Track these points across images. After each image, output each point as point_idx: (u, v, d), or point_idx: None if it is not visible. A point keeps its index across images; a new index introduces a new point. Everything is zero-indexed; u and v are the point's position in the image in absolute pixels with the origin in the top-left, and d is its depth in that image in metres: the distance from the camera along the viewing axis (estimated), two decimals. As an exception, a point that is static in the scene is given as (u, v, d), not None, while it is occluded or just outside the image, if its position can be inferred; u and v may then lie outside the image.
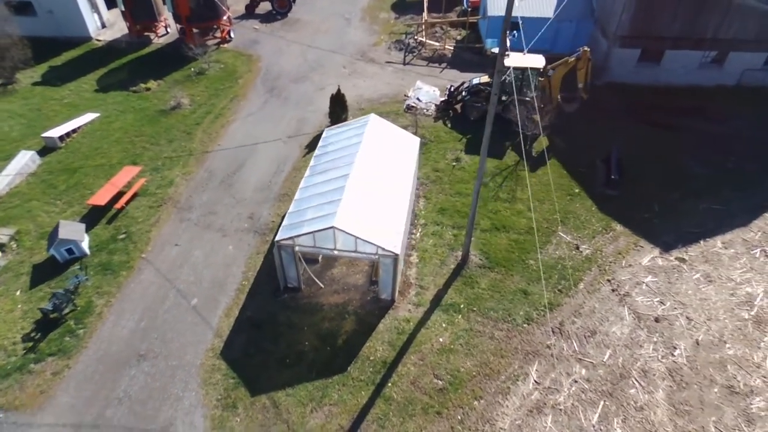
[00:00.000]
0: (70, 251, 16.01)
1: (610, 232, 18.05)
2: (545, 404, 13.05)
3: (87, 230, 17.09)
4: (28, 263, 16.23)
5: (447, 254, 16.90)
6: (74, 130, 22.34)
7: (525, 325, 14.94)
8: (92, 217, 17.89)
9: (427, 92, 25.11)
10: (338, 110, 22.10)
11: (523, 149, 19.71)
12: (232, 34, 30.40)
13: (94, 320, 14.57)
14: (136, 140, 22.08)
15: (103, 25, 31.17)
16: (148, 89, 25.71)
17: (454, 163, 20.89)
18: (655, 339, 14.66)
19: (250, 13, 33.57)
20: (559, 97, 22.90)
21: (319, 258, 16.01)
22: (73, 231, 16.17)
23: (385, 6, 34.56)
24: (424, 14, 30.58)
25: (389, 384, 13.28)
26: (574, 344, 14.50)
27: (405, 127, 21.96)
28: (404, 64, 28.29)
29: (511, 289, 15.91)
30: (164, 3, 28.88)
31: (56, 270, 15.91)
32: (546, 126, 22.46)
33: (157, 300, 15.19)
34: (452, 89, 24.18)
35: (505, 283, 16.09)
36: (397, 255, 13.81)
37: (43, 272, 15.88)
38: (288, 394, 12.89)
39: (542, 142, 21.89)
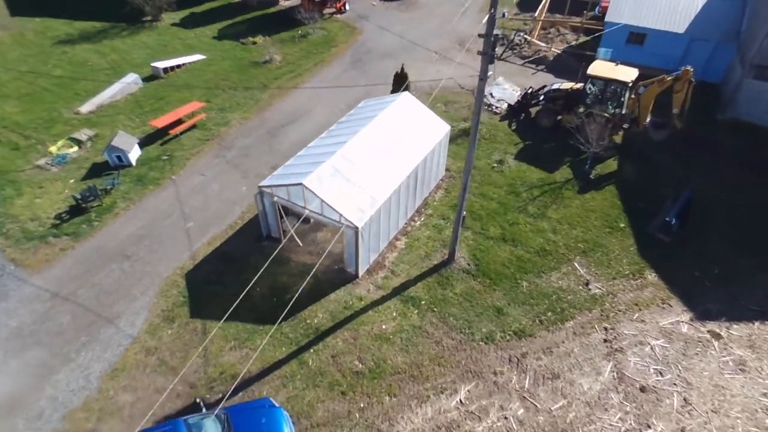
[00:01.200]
0: (119, 158, 18.57)
1: (638, 278, 15.31)
2: (458, 427, 11.78)
3: (142, 147, 19.64)
4: (90, 160, 19.22)
5: (436, 249, 15.93)
6: (179, 66, 25.55)
7: (481, 343, 13.52)
8: (154, 137, 20.43)
9: (504, 90, 23.54)
10: (398, 89, 21.87)
11: (583, 169, 17.63)
12: (347, 6, 31.70)
13: (110, 218, 16.80)
14: (221, 83, 24.49)
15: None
16: (254, 43, 28.18)
17: (494, 165, 19.42)
18: (628, 408, 12.22)
19: (374, -10, 34.62)
20: (648, 120, 19.75)
21: (311, 220, 16.28)
22: (126, 142, 18.70)
23: (510, 1, 32.91)
24: (539, 12, 28.38)
25: (311, 350, 13.14)
26: (527, 380, 12.75)
27: (465, 119, 21.05)
28: (498, 58, 26.76)
29: (485, 304, 14.46)
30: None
31: (107, 171, 18.59)
32: (617, 148, 19.70)
33: (162, 215, 16.93)
34: (530, 92, 22.31)
35: (482, 296, 14.67)
36: (357, 228, 13.47)
37: (97, 170, 18.66)
38: (220, 327, 13.51)
39: (608, 165, 19.26)
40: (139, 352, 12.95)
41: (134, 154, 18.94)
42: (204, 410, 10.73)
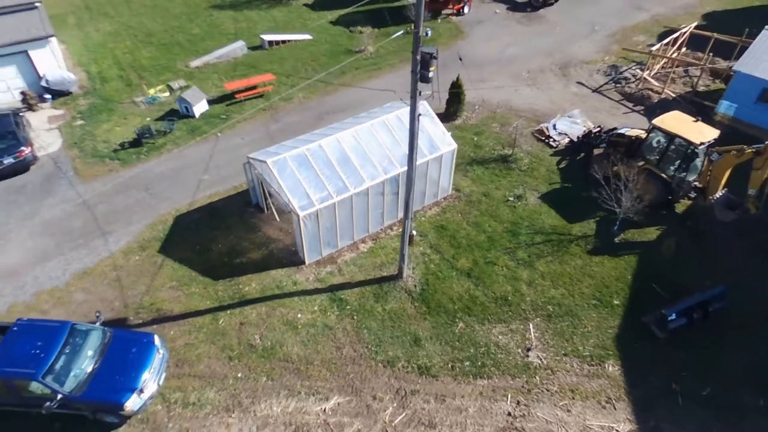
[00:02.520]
0: (186, 109, 21.67)
1: (594, 365, 13.11)
2: (307, 431, 11.80)
3: (211, 103, 22.55)
4: (170, 106, 22.70)
5: (394, 262, 15.57)
6: (284, 41, 28.23)
7: (380, 365, 13.12)
8: (225, 98, 23.22)
9: (574, 125, 21.20)
10: (459, 97, 21.28)
11: (611, 229, 15.81)
12: (466, 10, 31.21)
13: (154, 155, 19.89)
14: (309, 63, 26.47)
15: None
16: (361, 32, 29.62)
17: (510, 198, 17.93)
18: (486, 490, 10.87)
19: (506, -3, 33.36)
20: (718, 194, 16.22)
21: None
22: (195, 97, 21.72)
23: (653, 30, 28.88)
24: (660, 47, 24.45)
25: (228, 312, 14.20)
26: (400, 417, 12.08)
27: (511, 145, 19.65)
28: (593, 90, 24.04)
29: (407, 329, 13.85)
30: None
31: (178, 117, 21.85)
32: (652, 214, 16.72)
33: (191, 164, 19.42)
34: (596, 131, 19.80)
35: (409, 321, 14.06)
36: (299, 216, 13.98)
37: (169, 115, 22.01)
38: (173, 267, 15.37)
39: (646, 233, 16.47)
40: (108, 266, 15.45)
41: (199, 108, 21.89)
42: (98, 323, 12.56)
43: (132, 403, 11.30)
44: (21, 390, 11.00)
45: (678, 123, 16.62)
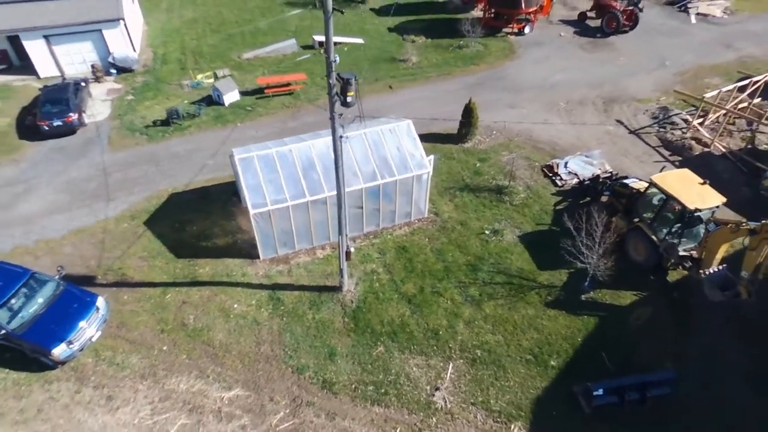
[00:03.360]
0: (218, 96, 23.47)
1: (499, 422, 12.40)
2: (199, 412, 12.57)
3: (243, 94, 24.17)
4: (208, 92, 24.71)
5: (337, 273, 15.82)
6: (336, 43, 29.16)
7: (289, 369, 13.49)
8: (259, 91, 24.70)
9: (589, 166, 19.71)
10: (468, 120, 20.76)
11: (581, 284, 14.93)
12: (528, 30, 30.00)
13: (177, 135, 21.85)
14: (350, 67, 27.08)
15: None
16: (413, 41, 29.79)
17: (486, 232, 17.24)
18: None
19: (579, 20, 31.49)
20: (712, 269, 14.35)
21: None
22: (227, 86, 23.45)
23: (733, 73, 25.68)
24: (719, 92, 21.67)
25: (176, 289, 15.38)
26: (291, 422, 12.41)
27: (513, 178, 18.85)
28: (630, 131, 22.07)
29: (327, 342, 14.06)
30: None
31: (209, 102, 23.76)
32: (639, 277, 15.25)
33: (203, 147, 21.05)
34: (602, 177, 18.28)
35: (332, 335, 14.25)
36: (251, 213, 14.76)
37: (203, 101, 23.98)
38: (149, 239, 16.93)
39: (622, 296, 15.09)
40: (99, 229, 17.43)
41: (230, 97, 23.59)
42: (57, 276, 14.32)
43: (59, 351, 12.84)
44: (-26, 319, 12.99)
45: (679, 183, 14.89)
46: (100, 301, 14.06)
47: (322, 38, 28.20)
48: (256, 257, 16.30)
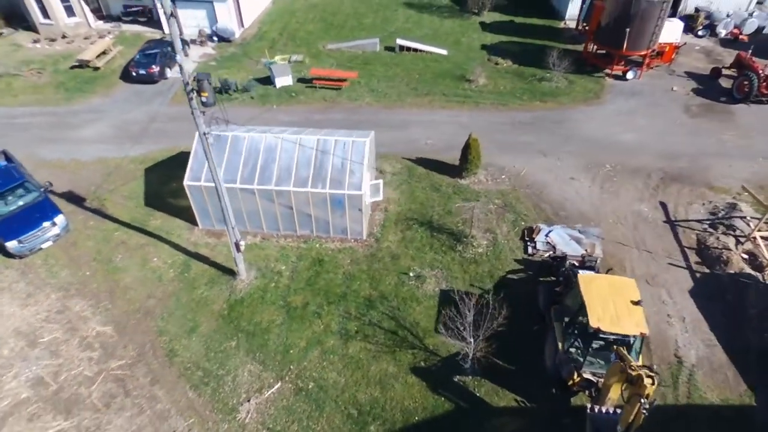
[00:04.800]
0: (273, 78, 25.45)
1: (276, 458, 11.98)
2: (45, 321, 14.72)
3: (297, 81, 25.79)
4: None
5: (256, 264, 16.40)
6: (415, 50, 29.00)
7: (153, 328, 14.83)
8: (309, 81, 26.05)
9: (570, 241, 16.76)
10: (467, 156, 19.21)
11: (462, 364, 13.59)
12: (631, 75, 25.84)
13: (226, 105, 24.38)
14: (413, 76, 26.72)
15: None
16: (496, 63, 28.00)
17: (410, 274, 16.08)
18: (93, 464, 11.96)
19: (711, 76, 25.98)
20: (605, 407, 11.50)
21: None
22: (281, 71, 25.31)
23: None
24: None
25: (126, 230, 17.74)
26: (120, 363, 13.80)
27: (485, 230, 17.35)
28: (666, 220, 17.92)
29: (196, 318, 15.02)
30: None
31: (265, 81, 25.95)
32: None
33: (234, 119, 22.65)
34: (569, 260, 15.43)
35: (205, 313, 15.14)
36: (184, 183, 16.24)
37: (267, 81, 26.24)
38: (139, 183, 19.65)
39: (502, 395, 13.09)
40: (114, 163, 20.69)
41: (281, 81, 25.40)
42: (42, 189, 17.67)
43: (11, 245, 16.17)
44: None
45: (605, 291, 12.04)
46: (59, 218, 17.09)
47: (404, 42, 28.49)
48: (196, 225, 17.86)
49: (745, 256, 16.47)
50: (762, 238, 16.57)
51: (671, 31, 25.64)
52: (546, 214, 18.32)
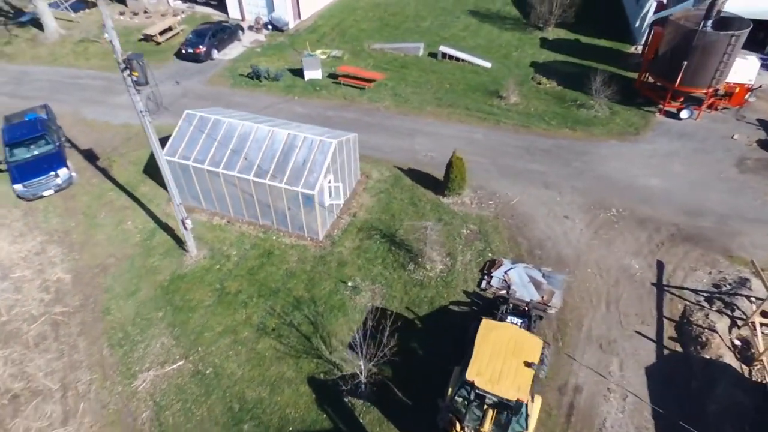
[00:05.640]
0: (302, 70, 26.01)
1: (148, 431, 12.36)
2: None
3: (326, 75, 26.13)
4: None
5: (212, 245, 16.98)
6: (457, 59, 27.96)
7: (99, 287, 15.97)
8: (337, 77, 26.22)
9: (528, 284, 15.22)
10: (449, 175, 18.21)
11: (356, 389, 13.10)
12: (685, 114, 22.77)
13: (248, 89, 25.48)
14: (445, 86, 25.79)
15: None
16: (539, 83, 26.12)
17: (348, 283, 15.66)
18: None
19: (786, 129, 22.18)
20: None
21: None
22: (312, 65, 25.76)
23: None
24: None
25: (117, 192, 19.26)
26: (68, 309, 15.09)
27: (436, 243, 16.50)
28: (657, 284, 15.59)
29: (140, 283, 15.97)
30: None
31: (298, 73, 26.59)
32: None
33: (254, 104, 23.93)
34: (510, 302, 14.02)
35: (150, 280, 16.01)
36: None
37: (296, 72, 26.88)
38: (147, 149, 21.19)
39: (382, 426, 12.44)
40: (135, 130, 22.44)
41: (310, 74, 25.88)
42: (58, 142, 19.69)
43: (17, 188, 18.40)
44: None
45: (499, 344, 10.79)
46: (63, 171, 18.99)
47: (447, 50, 27.74)
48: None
49: (738, 343, 13.84)
50: (762, 324, 13.79)
51: (744, 70, 22.12)
52: (520, 250, 16.82)
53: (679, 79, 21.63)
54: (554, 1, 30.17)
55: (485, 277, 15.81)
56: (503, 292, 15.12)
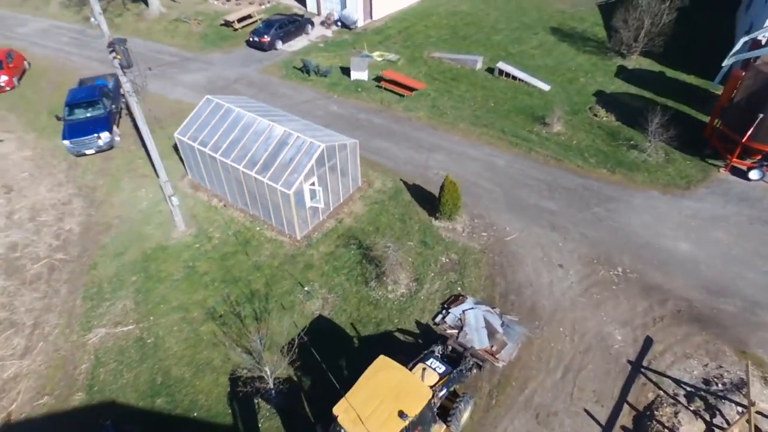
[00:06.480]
0: (350, 70, 26.28)
1: (80, 382, 13.50)
2: (56, 222, 18.51)
3: (370, 79, 26.15)
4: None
5: (204, 224, 17.96)
6: (514, 77, 26.37)
7: (97, 243, 17.64)
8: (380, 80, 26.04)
9: (481, 328, 14.01)
10: (442, 197, 17.34)
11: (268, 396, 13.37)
12: (755, 175, 19.38)
13: (296, 82, 26.29)
14: (489, 103, 24.53)
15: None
16: (595, 115, 23.76)
17: (305, 287, 15.66)
18: None
19: None
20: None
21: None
22: (359, 66, 25.88)
23: None
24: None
25: (144, 161, 21.03)
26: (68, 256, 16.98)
27: (412, 266, 16.01)
28: (636, 363, 13.52)
29: (128, 248, 17.30)
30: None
31: (347, 72, 26.90)
32: None
33: (297, 98, 24.80)
34: (449, 346, 13.06)
35: (136, 249, 17.34)
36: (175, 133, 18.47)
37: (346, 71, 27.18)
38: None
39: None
40: (186, 107, 24.30)
41: (356, 75, 26.04)
42: (107, 110, 21.95)
43: (65, 143, 20.94)
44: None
45: (385, 385, 10.16)
46: (105, 135, 21.21)
47: (505, 67, 26.52)
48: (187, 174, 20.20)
49: (710, 450, 11.61)
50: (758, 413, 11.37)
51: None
52: (493, 291, 15.58)
53: (750, 132, 18.42)
54: (642, 27, 27.22)
55: (443, 311, 14.90)
56: (454, 331, 14.14)
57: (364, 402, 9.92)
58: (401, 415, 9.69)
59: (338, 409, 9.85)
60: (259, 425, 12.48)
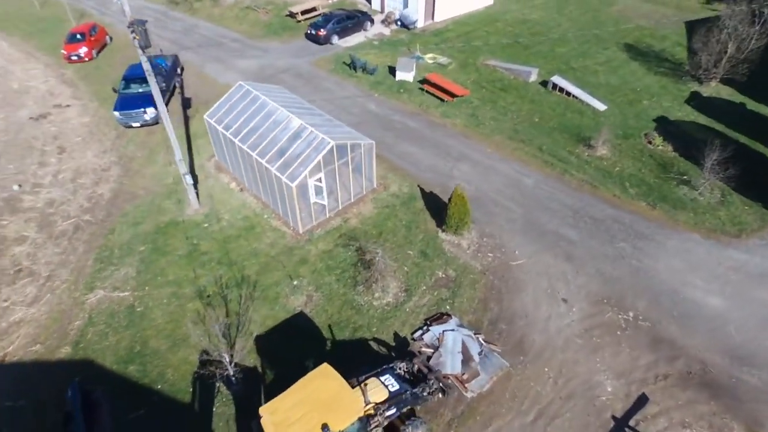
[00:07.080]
0: (396, 70, 25.94)
1: (70, 337, 14.41)
2: (92, 186, 19.94)
3: (415, 80, 25.63)
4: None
5: (218, 208, 18.54)
6: (568, 93, 24.68)
7: (117, 212, 18.76)
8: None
9: (457, 354, 13.21)
10: (449, 209, 16.59)
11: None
12: (828, 234, 16.70)
13: (341, 77, 26.38)
14: (532, 119, 23.16)
15: None
16: (649, 143, 21.62)
17: (294, 281, 15.65)
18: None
19: None
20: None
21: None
22: (405, 67, 25.45)
23: None
24: None
25: (181, 134, 22.06)
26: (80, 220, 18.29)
27: (405, 276, 15.63)
28: (622, 419, 12.10)
29: (141, 221, 18.19)
30: None
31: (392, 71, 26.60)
32: None
33: (339, 92, 24.90)
34: (415, 365, 12.43)
35: (148, 222, 18.25)
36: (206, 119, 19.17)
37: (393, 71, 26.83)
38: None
39: None
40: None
41: (401, 75, 25.65)
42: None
43: (115, 114, 22.54)
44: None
45: (318, 395, 9.86)
46: (150, 110, 22.53)
47: (560, 82, 25.22)
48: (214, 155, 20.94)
49: None
50: None
51: None
52: (484, 316, 14.66)
53: (821, 182, 15.88)
54: (725, 51, 24.41)
55: (424, 327, 14.24)
56: (428, 350, 13.46)
57: (292, 407, 9.67)
58: (323, 428, 9.32)
59: (265, 410, 9.68)
60: (214, 409, 12.63)
